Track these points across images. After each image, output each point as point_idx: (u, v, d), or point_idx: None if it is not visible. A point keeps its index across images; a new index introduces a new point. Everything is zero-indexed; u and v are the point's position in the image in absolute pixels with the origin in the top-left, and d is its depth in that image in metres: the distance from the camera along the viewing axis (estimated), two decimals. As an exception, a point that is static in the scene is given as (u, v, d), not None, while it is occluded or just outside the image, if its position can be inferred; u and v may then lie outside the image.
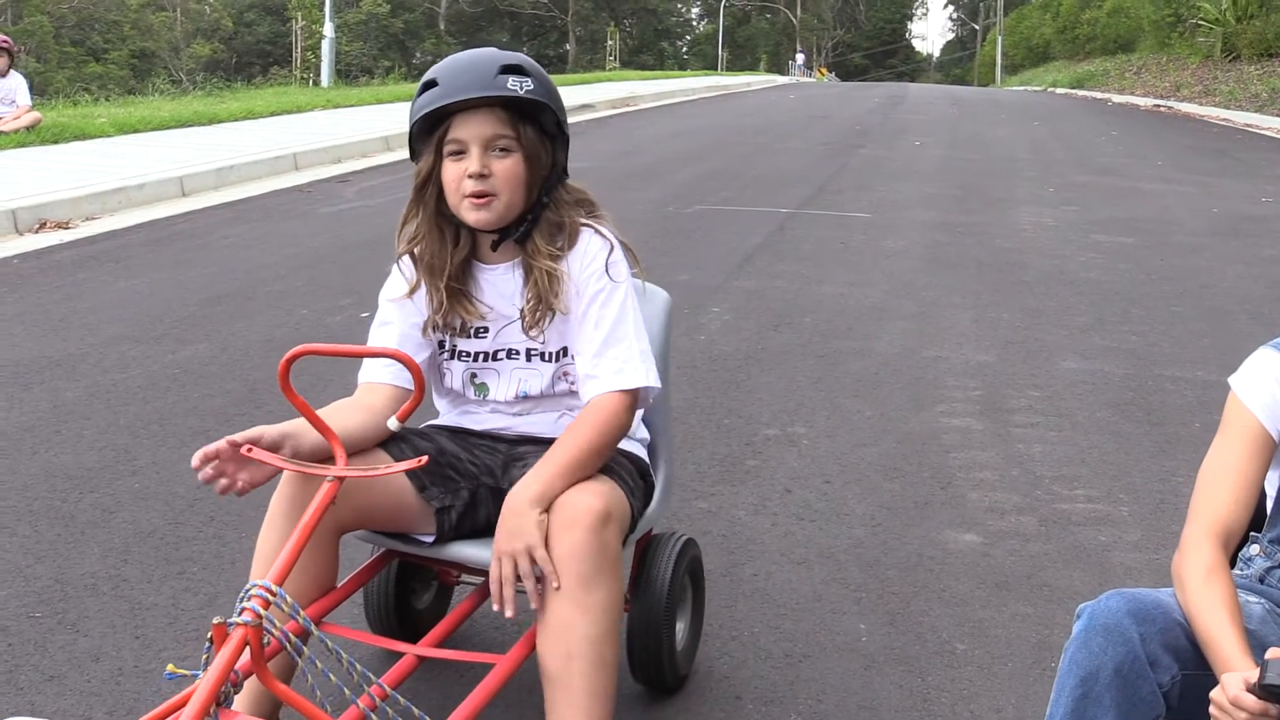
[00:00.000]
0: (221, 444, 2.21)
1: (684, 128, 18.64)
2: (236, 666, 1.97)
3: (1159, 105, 28.09)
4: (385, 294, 2.67)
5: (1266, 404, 2.09)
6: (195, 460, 2.19)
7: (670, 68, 67.89)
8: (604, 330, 2.50)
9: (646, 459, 2.74)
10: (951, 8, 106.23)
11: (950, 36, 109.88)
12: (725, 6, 75.79)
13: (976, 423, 4.87)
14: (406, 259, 2.63)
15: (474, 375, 2.66)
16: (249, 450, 2.24)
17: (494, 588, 2.28)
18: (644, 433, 2.78)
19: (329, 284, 7.02)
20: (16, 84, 12.75)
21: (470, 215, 2.50)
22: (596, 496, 2.35)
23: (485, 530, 2.62)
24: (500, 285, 2.59)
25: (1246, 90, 25.92)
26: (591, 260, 2.54)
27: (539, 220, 2.56)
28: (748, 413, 4.93)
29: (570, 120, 2.62)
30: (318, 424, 2.32)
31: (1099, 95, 33.11)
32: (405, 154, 2.67)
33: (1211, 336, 6.27)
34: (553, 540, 2.32)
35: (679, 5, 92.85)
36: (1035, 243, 8.91)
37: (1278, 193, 11.80)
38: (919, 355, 5.80)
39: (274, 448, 2.27)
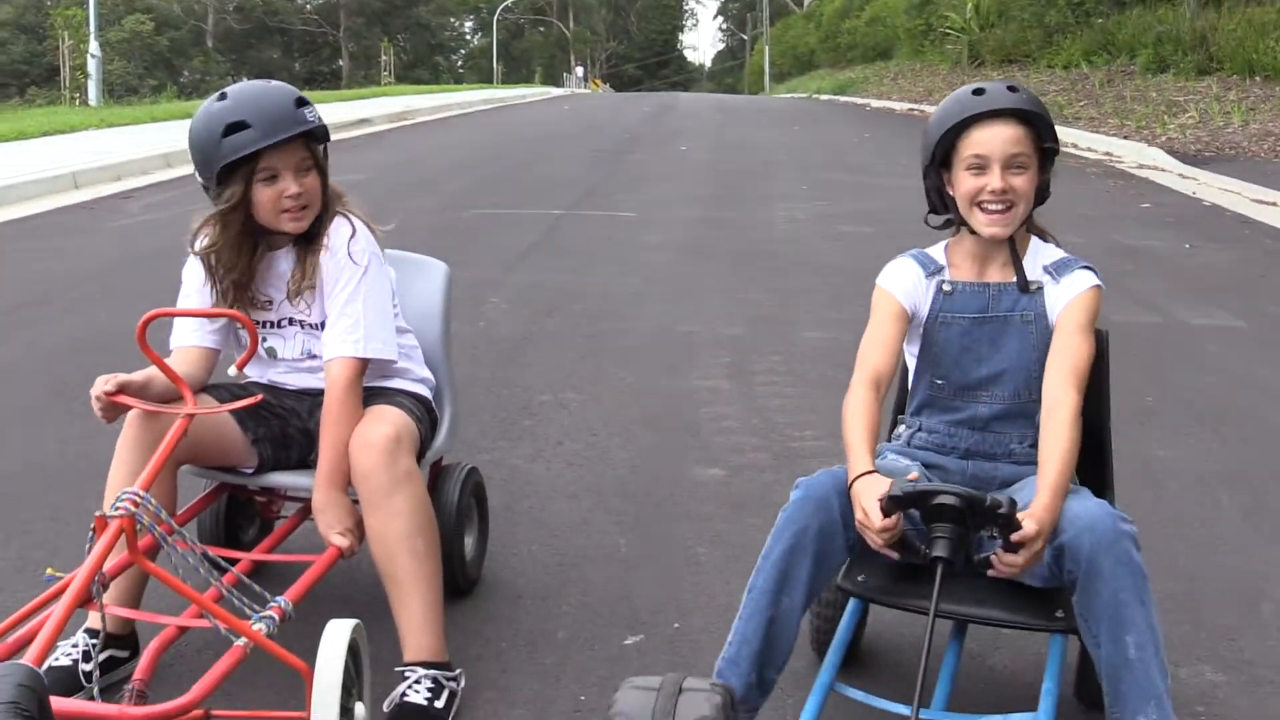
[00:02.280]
0: (98, 391, 2.79)
1: (461, 139, 19.18)
2: (106, 568, 2.48)
3: (913, 109, 29.54)
4: (186, 273, 3.20)
5: (903, 287, 2.85)
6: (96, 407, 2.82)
7: (446, 82, 68.06)
8: (337, 305, 3.07)
9: (430, 398, 3.32)
10: (721, 19, 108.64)
11: (721, 46, 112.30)
12: (498, 20, 76.31)
13: (725, 384, 5.59)
14: (197, 261, 3.15)
15: (263, 340, 3.20)
16: (118, 397, 2.77)
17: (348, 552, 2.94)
18: (427, 375, 3.36)
19: (125, 291, 7.37)
20: None
21: (290, 226, 3.05)
22: (387, 424, 2.94)
23: (299, 464, 3.19)
24: (280, 266, 3.14)
25: (989, 93, 27.64)
26: (339, 245, 3.09)
27: (320, 219, 3.12)
28: (524, 384, 5.55)
29: (348, 135, 3.34)
30: (170, 373, 2.84)
31: (859, 101, 34.59)
32: (186, 170, 3.17)
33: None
34: (353, 461, 2.90)
35: (452, 20, 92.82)
36: (787, 234, 9.76)
37: (1006, 185, 12.96)
38: (675, 331, 6.52)
39: (136, 390, 2.80)
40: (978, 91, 2.75)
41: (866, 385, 2.74)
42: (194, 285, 3.18)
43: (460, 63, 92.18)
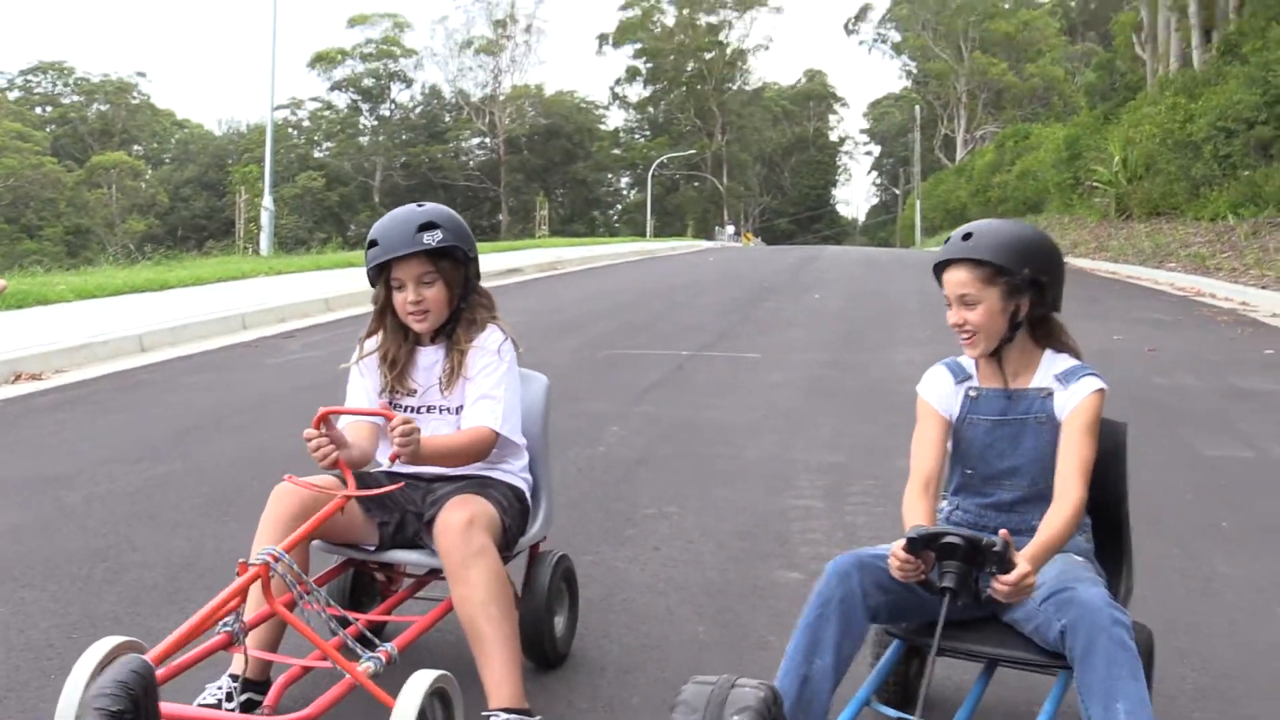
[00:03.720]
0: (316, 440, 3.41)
1: (605, 288, 20.00)
2: (247, 618, 3.01)
3: (1057, 262, 29.63)
4: (352, 372, 3.82)
5: (938, 396, 3.41)
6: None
7: (601, 235, 69.99)
8: (484, 389, 3.69)
9: (527, 493, 3.85)
10: (875, 173, 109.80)
11: (875, 201, 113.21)
12: (653, 176, 78.39)
13: (819, 503, 6.01)
14: (369, 361, 3.81)
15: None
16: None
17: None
18: (527, 475, 3.89)
19: (283, 418, 8.09)
20: (-15, 255, 13.87)
21: (416, 325, 3.74)
22: (464, 510, 3.47)
23: (411, 544, 3.72)
24: (429, 360, 3.77)
25: (1134, 245, 27.68)
26: (489, 345, 3.73)
27: (459, 320, 3.76)
28: (632, 499, 6.05)
29: (499, 283, 4.05)
30: (342, 466, 3.46)
31: (1005, 253, 34.71)
32: (344, 313, 3.90)
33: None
34: (437, 542, 3.45)
35: (609, 175, 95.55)
36: (903, 375, 10.11)
37: (1128, 331, 13.19)
38: (782, 458, 6.96)
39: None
40: (947, 240, 3.31)
41: (919, 490, 3.28)
42: (358, 380, 3.84)
43: (616, 217, 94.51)
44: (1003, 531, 2.93)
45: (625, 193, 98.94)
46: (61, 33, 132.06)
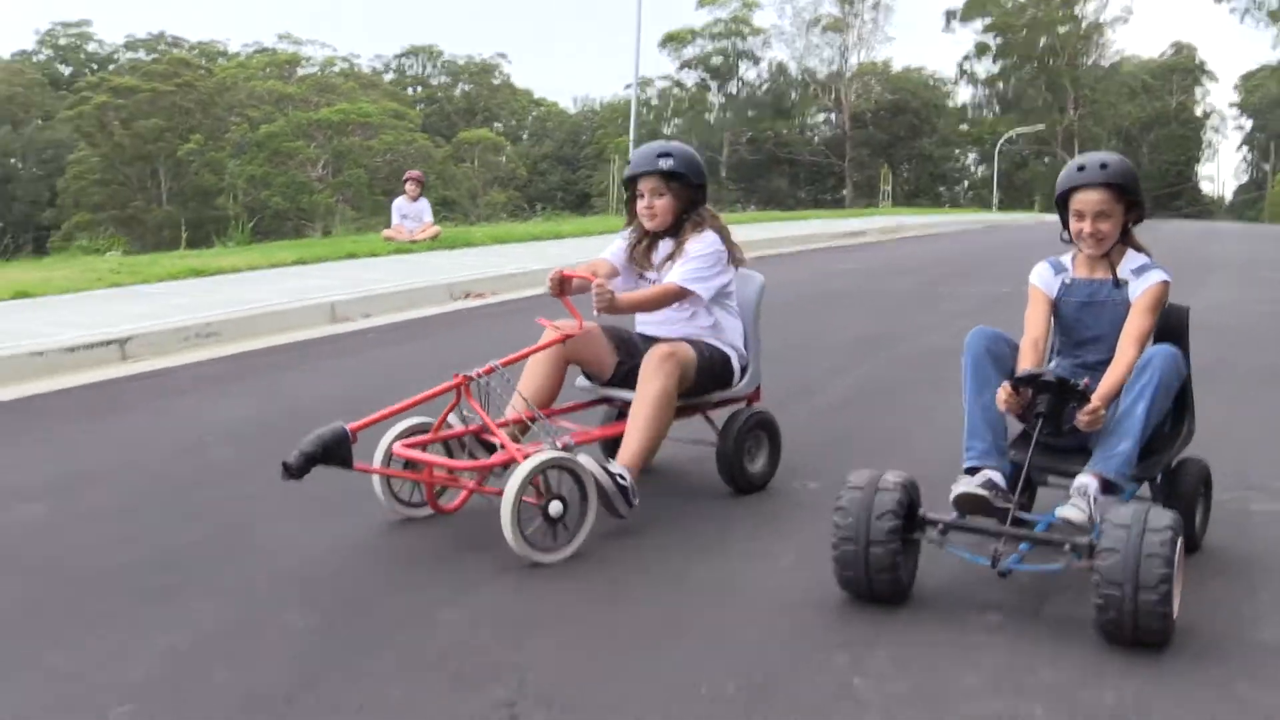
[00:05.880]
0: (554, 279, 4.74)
1: (944, 247, 21.77)
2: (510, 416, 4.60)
3: None
4: (618, 240, 5.19)
5: (1044, 282, 4.37)
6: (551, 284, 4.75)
7: (946, 209, 69.97)
8: (684, 263, 4.90)
9: (733, 360, 5.05)
10: (1245, 148, 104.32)
11: (1244, 178, 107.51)
12: (1000, 151, 77.75)
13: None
14: (627, 232, 5.16)
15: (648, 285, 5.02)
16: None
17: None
18: (739, 346, 5.12)
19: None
20: (424, 206, 17.04)
21: (646, 224, 5.00)
22: (669, 345, 4.71)
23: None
24: (663, 248, 5.04)
25: None
26: (701, 243, 4.94)
27: (682, 226, 4.99)
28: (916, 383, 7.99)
29: (843, 244, 6.29)
30: (573, 310, 4.80)
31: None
32: None
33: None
34: (645, 355, 4.71)
35: (956, 150, 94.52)
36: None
37: None
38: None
39: (575, 288, 4.79)
40: (1080, 167, 4.15)
41: (1029, 346, 4.21)
42: (620, 244, 5.17)
43: (961, 193, 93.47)
44: (1085, 380, 3.91)
45: (972, 169, 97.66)
46: (432, 18, 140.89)
